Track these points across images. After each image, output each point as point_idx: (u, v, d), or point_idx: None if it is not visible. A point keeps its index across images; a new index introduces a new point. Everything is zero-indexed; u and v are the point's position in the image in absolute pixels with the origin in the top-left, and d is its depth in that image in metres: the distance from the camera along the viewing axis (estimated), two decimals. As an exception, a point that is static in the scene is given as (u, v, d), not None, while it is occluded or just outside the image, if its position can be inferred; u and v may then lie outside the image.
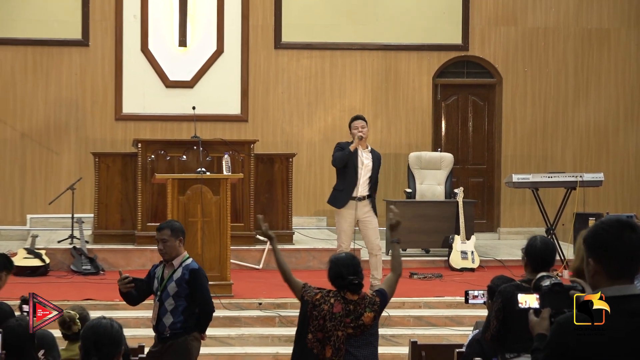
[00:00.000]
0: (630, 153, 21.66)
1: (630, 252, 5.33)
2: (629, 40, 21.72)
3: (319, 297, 8.80)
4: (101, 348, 7.21)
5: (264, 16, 21.04)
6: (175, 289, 10.31)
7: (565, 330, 5.35)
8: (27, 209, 20.57)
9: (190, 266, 10.46)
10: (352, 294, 8.75)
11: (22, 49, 20.60)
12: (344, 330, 8.67)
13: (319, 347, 8.75)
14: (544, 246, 8.79)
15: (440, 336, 13.83)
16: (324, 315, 8.71)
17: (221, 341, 14.33)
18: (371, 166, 15.38)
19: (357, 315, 8.69)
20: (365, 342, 8.81)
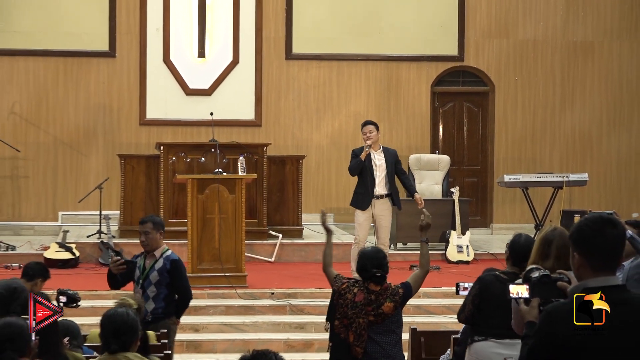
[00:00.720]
0: (612, 156, 21.64)
1: (612, 246, 5.34)
2: (611, 52, 21.70)
3: (345, 287, 8.92)
4: (120, 336, 7.24)
5: (276, 29, 21.04)
6: (157, 277, 10.47)
7: (553, 318, 5.35)
8: (59, 207, 20.58)
9: (171, 257, 10.65)
10: (375, 285, 8.83)
11: (54, 60, 20.61)
12: (365, 318, 8.73)
13: (345, 332, 8.86)
14: (526, 243, 8.80)
15: (438, 323, 13.82)
16: (347, 304, 8.82)
17: (236, 328, 14.34)
18: (385, 165, 15.43)
19: (378, 304, 8.78)
20: (387, 329, 8.88)
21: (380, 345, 8.81)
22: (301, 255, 18.11)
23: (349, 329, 8.79)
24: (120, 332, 7.27)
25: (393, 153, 15.69)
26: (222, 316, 14.78)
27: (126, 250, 17.66)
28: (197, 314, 14.79)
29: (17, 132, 20.35)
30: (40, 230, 20.03)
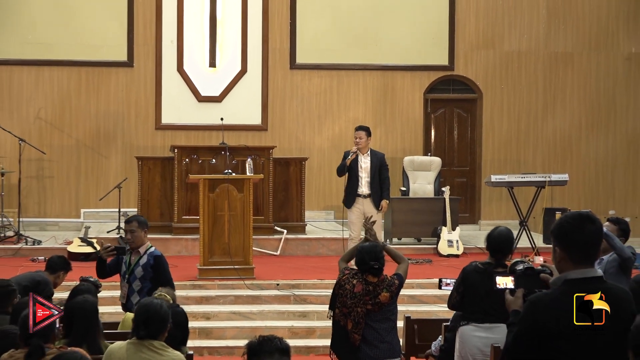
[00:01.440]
0: (590, 157, 21.63)
1: (590, 241, 5.36)
2: (589, 62, 21.69)
3: (344, 278, 9.02)
4: (150, 325, 7.25)
5: (281, 41, 21.04)
6: (142, 272, 10.53)
7: (536, 307, 5.37)
8: (81, 204, 20.58)
9: (154, 253, 10.75)
10: (373, 277, 8.89)
11: (76, 69, 20.61)
12: (363, 307, 8.80)
13: (344, 320, 8.92)
14: (498, 236, 8.91)
15: (430, 312, 13.81)
16: (347, 294, 8.89)
17: (244, 316, 14.33)
18: (369, 167, 15.47)
19: (375, 294, 8.85)
20: (384, 317, 8.94)
21: (377, 331, 8.88)
22: (304, 249, 18.12)
23: (348, 317, 8.85)
24: (150, 320, 7.28)
25: (380, 157, 15.71)
26: (231, 305, 14.78)
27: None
28: (208, 303, 14.80)
29: (42, 136, 20.36)
30: (64, 226, 20.04)
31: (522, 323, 5.43)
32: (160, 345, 7.34)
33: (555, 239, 5.40)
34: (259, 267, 15.77)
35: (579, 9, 21.61)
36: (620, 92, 21.74)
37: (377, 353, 8.88)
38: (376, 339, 8.88)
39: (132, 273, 10.52)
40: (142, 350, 7.26)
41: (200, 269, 15.41)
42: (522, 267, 6.30)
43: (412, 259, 17.53)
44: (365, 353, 8.85)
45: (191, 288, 15.17)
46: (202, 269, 15.41)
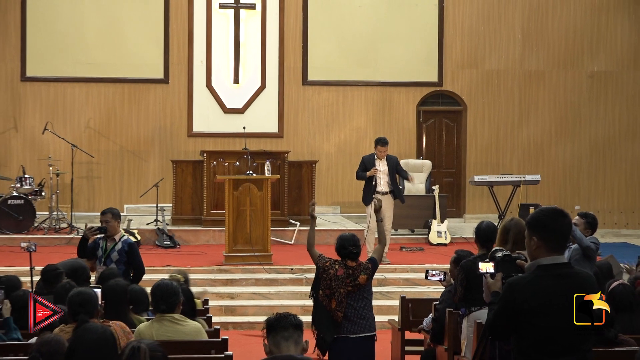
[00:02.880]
0: (559, 160, 21.58)
1: (563, 232, 5.37)
2: (558, 79, 21.64)
3: (328, 265, 9.02)
4: (167, 299, 7.28)
5: (295, 61, 21.02)
6: (117, 256, 10.57)
7: (514, 289, 5.37)
8: (124, 200, 20.58)
9: (128, 241, 10.76)
10: (351, 262, 8.91)
11: (120, 85, 20.61)
12: (345, 288, 8.83)
13: (327, 300, 8.90)
14: (486, 228, 8.90)
15: (422, 293, 13.79)
16: (331, 277, 8.91)
17: (263, 296, 14.33)
18: (387, 170, 15.55)
19: (354, 277, 8.87)
20: (361, 296, 8.94)
21: (356, 309, 8.90)
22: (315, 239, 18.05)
23: (332, 297, 8.86)
24: (166, 296, 7.33)
25: (394, 159, 15.74)
26: (252, 287, 14.78)
27: (177, 235, 17.74)
28: (232, 285, 14.80)
29: (91, 142, 20.37)
30: (110, 219, 20.01)
31: (501, 302, 5.43)
32: (180, 318, 7.40)
33: (533, 230, 5.40)
34: (276, 254, 15.77)
35: (549, 34, 21.56)
36: (584, 105, 21.69)
37: (356, 328, 8.87)
38: (355, 315, 8.87)
39: (108, 257, 10.57)
40: (166, 324, 7.30)
41: (226, 255, 15.41)
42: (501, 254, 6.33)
43: (407, 247, 17.66)
44: (346, 328, 8.84)
45: (218, 272, 15.18)
46: (227, 255, 15.40)
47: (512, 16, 21.51)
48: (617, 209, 21.62)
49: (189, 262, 15.58)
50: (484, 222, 9.09)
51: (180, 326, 7.33)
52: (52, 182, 19.06)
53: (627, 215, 21.57)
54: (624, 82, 21.82)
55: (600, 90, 21.75)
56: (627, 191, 21.69)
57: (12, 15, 20.35)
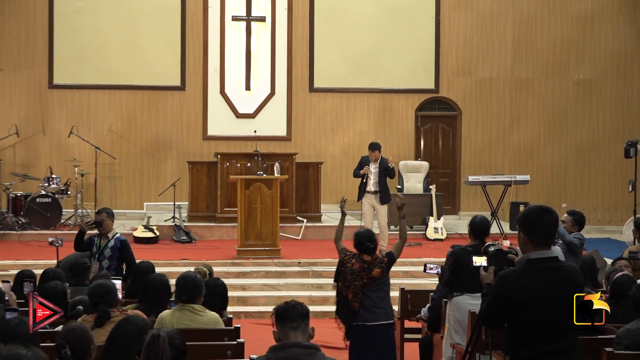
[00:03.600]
0: (547, 162, 21.57)
1: (548, 228, 5.39)
2: (546, 87, 21.62)
3: (346, 258, 9.08)
4: (189, 290, 7.30)
5: (302, 70, 21.02)
6: (110, 253, 10.71)
7: (505, 281, 5.38)
8: (144, 199, 20.60)
9: (120, 238, 10.86)
10: (368, 256, 8.93)
11: (140, 92, 20.63)
12: (360, 281, 8.86)
13: (345, 291, 8.98)
14: (480, 222, 9.06)
15: (420, 284, 13.80)
16: (347, 271, 8.99)
17: (273, 287, 14.36)
18: (378, 172, 15.63)
19: (369, 270, 8.91)
20: (378, 288, 9.01)
21: (373, 299, 8.97)
22: (320, 234, 18.10)
23: (348, 289, 8.91)
24: (188, 287, 7.34)
25: (385, 162, 15.73)
26: (262, 279, 14.80)
27: (193, 231, 17.76)
28: (244, 277, 14.82)
29: (113, 145, 20.39)
30: (131, 216, 20.05)
31: (494, 293, 5.45)
32: (200, 308, 7.41)
33: (521, 227, 5.42)
34: (284, 248, 15.79)
35: (537, 44, 21.55)
36: (570, 111, 21.67)
37: (373, 316, 8.95)
38: (372, 305, 8.95)
39: (102, 253, 10.67)
40: (186, 313, 7.32)
41: (238, 250, 15.43)
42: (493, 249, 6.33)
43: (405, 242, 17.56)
44: (363, 316, 8.92)
45: (231, 265, 15.21)
46: (240, 250, 15.42)
47: (503, 28, 21.50)
48: (601, 207, 21.60)
49: (204, 256, 15.60)
50: (478, 217, 9.21)
51: (199, 316, 7.35)
52: (77, 181, 19.09)
53: (610, 213, 21.56)
54: (607, 89, 21.81)
55: (586, 96, 21.74)
56: (610, 190, 21.67)
57: (40, 27, 20.38)
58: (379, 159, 15.70)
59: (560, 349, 5.28)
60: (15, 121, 20.15)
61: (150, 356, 4.60)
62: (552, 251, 5.40)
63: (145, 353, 4.63)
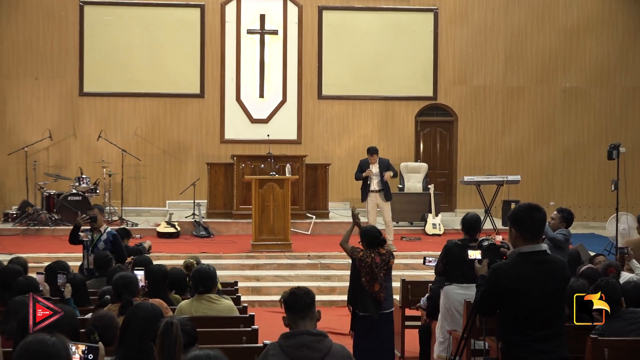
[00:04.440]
0: (536, 164, 21.55)
1: (537, 224, 5.40)
2: (535, 94, 21.59)
3: (362, 255, 9.01)
4: (205, 282, 7.32)
5: (311, 78, 21.03)
6: (103, 246, 10.65)
7: (498, 273, 5.38)
8: (167, 197, 20.63)
9: (112, 232, 10.85)
10: (382, 249, 8.96)
11: (162, 99, 20.66)
12: (382, 272, 8.84)
13: (369, 285, 8.91)
14: (470, 218, 9.12)
15: (420, 276, 13.77)
16: (370, 265, 8.90)
17: (284, 278, 14.37)
18: (379, 171, 15.58)
19: (386, 261, 8.95)
20: (389, 277, 9.07)
21: (387, 288, 9.01)
22: (328, 230, 18.10)
23: (374, 282, 8.90)
24: (204, 279, 7.36)
25: (385, 162, 15.75)
26: (274, 270, 14.80)
27: (211, 226, 17.78)
28: (258, 269, 14.84)
29: (138, 148, 20.42)
30: (154, 213, 20.09)
31: (487, 284, 5.44)
32: (215, 297, 7.44)
33: (512, 223, 5.42)
34: (295, 242, 15.79)
35: (527, 55, 21.53)
36: (558, 116, 21.65)
37: (388, 304, 9.05)
38: (387, 294, 9.03)
39: (95, 246, 10.64)
40: (203, 303, 7.35)
41: (253, 244, 15.44)
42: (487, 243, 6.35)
43: (406, 237, 17.66)
44: (383, 305, 8.98)
45: (246, 258, 15.23)
46: (254, 244, 15.43)
47: (496, 40, 21.48)
48: (586, 205, 21.57)
49: (221, 250, 15.62)
50: (469, 214, 9.27)
51: (215, 304, 7.37)
52: (105, 181, 19.14)
53: (594, 210, 21.53)
54: (591, 97, 21.78)
55: (572, 103, 21.71)
56: (594, 190, 21.64)
57: (72, 40, 20.42)
58: (377, 161, 15.69)
59: (548, 335, 5.28)
60: (49, 126, 20.19)
61: (165, 342, 4.60)
62: (541, 245, 5.40)
63: (160, 339, 4.62)
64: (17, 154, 19.76)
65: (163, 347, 4.59)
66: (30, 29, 20.38)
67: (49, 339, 3.39)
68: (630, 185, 20.11)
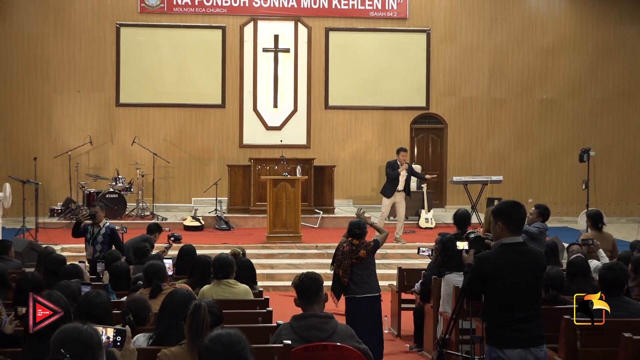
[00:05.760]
0: (517, 166, 21.52)
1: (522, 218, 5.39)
2: (516, 104, 21.56)
3: (340, 242, 9.09)
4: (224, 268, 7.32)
5: (320, 91, 21.02)
6: (102, 239, 10.78)
7: (482, 261, 5.37)
8: (192, 195, 20.63)
9: (110, 227, 10.95)
10: (356, 240, 8.94)
11: (189, 109, 20.68)
12: (349, 261, 8.86)
13: (337, 269, 9.03)
14: (460, 214, 9.17)
15: (414, 264, 13.75)
16: (339, 253, 9.01)
17: (295, 266, 14.35)
18: (406, 175, 15.69)
19: (356, 252, 8.90)
20: (364, 267, 9.01)
21: (361, 276, 8.94)
22: (334, 224, 18.09)
23: (339, 267, 8.97)
24: (224, 266, 7.36)
25: (411, 167, 15.84)
26: (287, 259, 14.81)
27: (231, 221, 17.77)
28: (272, 258, 14.84)
29: (168, 151, 20.44)
30: (181, 209, 20.10)
31: (473, 271, 5.44)
32: (233, 282, 7.45)
33: (498, 217, 5.41)
34: (305, 235, 15.81)
35: (508, 70, 21.50)
36: (535, 124, 21.62)
37: (360, 290, 8.94)
38: (360, 281, 8.93)
39: (95, 239, 10.69)
40: (222, 287, 7.35)
41: (267, 236, 15.45)
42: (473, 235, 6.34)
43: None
44: (352, 290, 8.93)
45: (261, 248, 15.22)
46: (269, 236, 15.43)
47: (481, 57, 21.45)
48: (560, 202, 21.52)
49: (240, 241, 15.62)
50: (459, 210, 9.25)
51: (233, 288, 7.37)
52: (139, 181, 19.16)
53: (567, 207, 21.48)
54: (565, 107, 21.75)
55: (547, 113, 21.68)
56: (567, 188, 21.59)
57: (110, 58, 20.46)
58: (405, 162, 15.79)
59: (527, 316, 5.27)
60: (89, 133, 20.23)
61: (194, 322, 4.68)
62: (521, 237, 5.40)
63: (189, 319, 4.71)
64: (61, 157, 19.81)
65: (192, 326, 4.66)
66: (74, 49, 20.42)
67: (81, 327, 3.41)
68: (599, 184, 20.10)
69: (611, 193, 21.67)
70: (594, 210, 11.04)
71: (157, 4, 20.53)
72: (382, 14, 21.11)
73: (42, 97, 20.40)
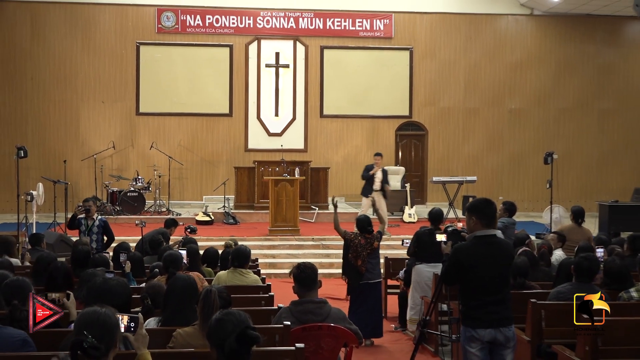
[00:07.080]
0: (488, 167, 21.55)
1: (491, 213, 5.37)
2: (488, 113, 21.60)
3: (353, 237, 9.02)
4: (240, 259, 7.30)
5: (315, 101, 21.02)
6: (96, 230, 10.55)
7: (458, 252, 5.37)
8: (203, 193, 20.61)
9: (102, 219, 10.76)
10: (368, 235, 8.90)
11: (200, 118, 20.66)
12: (365, 251, 8.84)
13: (354, 260, 8.95)
14: (435, 212, 9.23)
15: (398, 254, 13.69)
16: (357, 245, 8.91)
17: (294, 256, 14.33)
18: (382, 177, 15.36)
19: (370, 243, 8.90)
20: (374, 256, 9.04)
21: (372, 264, 8.96)
22: (328, 218, 18.02)
23: (358, 258, 8.89)
24: (240, 257, 7.34)
25: (385, 171, 15.62)
26: (286, 250, 14.78)
27: (238, 216, 17.72)
28: (274, 249, 14.80)
29: (181, 155, 20.42)
30: (194, 205, 20.08)
31: (450, 260, 5.43)
32: (246, 272, 7.43)
33: (472, 212, 5.40)
34: (302, 228, 15.80)
35: (481, 83, 21.54)
36: (505, 131, 21.64)
37: (372, 276, 8.95)
38: (371, 268, 8.95)
39: (90, 230, 10.57)
40: (236, 275, 7.34)
41: (270, 229, 15.43)
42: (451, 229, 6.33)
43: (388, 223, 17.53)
44: (366, 276, 8.91)
45: (264, 240, 15.21)
46: (271, 229, 15.42)
47: (457, 72, 21.48)
48: (527, 199, 21.55)
49: (245, 234, 15.61)
50: (434, 209, 9.30)
51: (245, 277, 7.37)
52: (156, 181, 19.15)
53: (533, 203, 21.51)
54: (531, 116, 21.79)
55: (516, 121, 21.71)
56: (533, 188, 21.62)
57: (130, 72, 20.44)
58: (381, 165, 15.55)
59: (497, 300, 5.28)
60: (112, 138, 20.21)
61: (206, 305, 4.72)
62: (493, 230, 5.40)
63: (201, 303, 4.76)
64: (88, 160, 19.80)
65: (204, 308, 4.71)
66: (99, 64, 20.40)
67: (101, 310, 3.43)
68: (561, 183, 20.13)
69: (572, 192, 21.70)
70: (577, 207, 10.97)
71: (173, 25, 20.52)
72: (370, 34, 21.12)
73: (71, 107, 20.38)
